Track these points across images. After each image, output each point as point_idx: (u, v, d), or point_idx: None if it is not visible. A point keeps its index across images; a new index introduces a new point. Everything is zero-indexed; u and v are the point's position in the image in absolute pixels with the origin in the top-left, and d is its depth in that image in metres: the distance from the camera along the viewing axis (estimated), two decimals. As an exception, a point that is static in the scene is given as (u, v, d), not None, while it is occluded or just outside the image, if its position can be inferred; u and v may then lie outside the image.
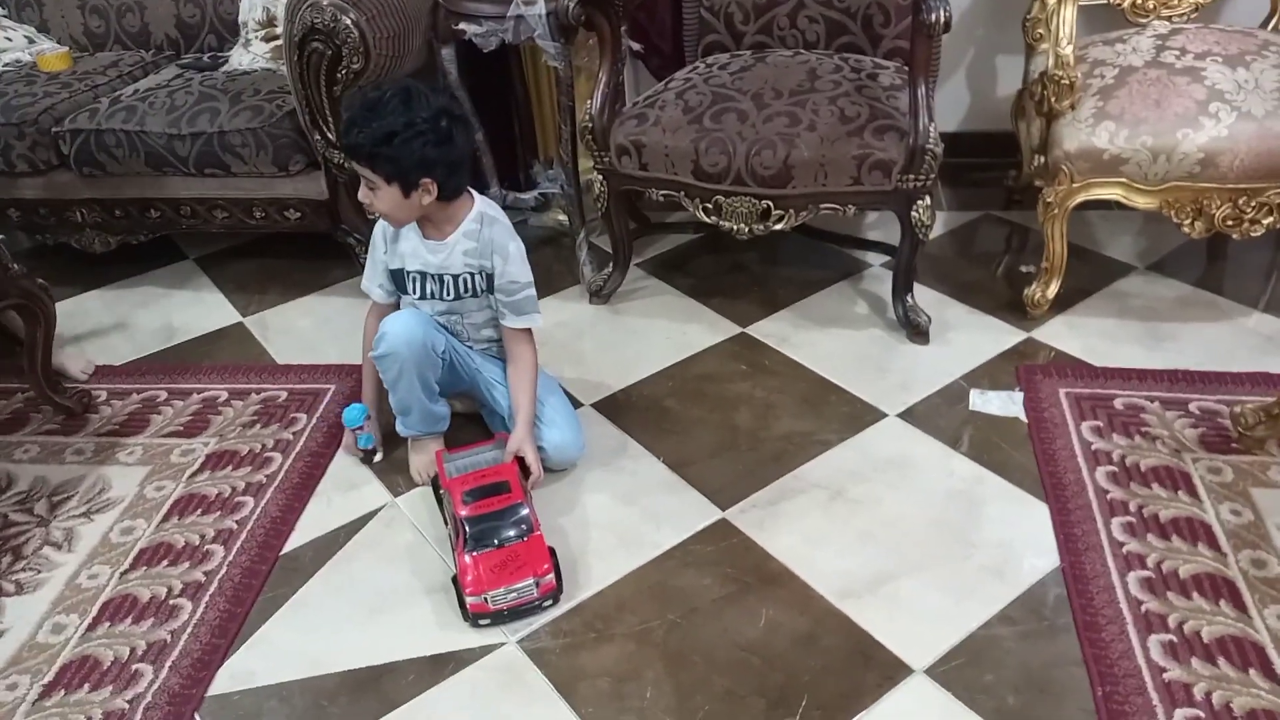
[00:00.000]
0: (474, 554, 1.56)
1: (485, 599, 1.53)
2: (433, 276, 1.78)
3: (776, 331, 2.23)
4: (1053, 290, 2.18)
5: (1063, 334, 2.15)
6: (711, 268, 2.51)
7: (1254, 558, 1.56)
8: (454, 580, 1.59)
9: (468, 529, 1.59)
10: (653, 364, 2.15)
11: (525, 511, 1.62)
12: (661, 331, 2.27)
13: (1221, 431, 1.82)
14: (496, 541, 1.58)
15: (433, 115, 1.58)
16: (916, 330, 2.14)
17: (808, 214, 2.08)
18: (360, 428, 1.87)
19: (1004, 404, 1.94)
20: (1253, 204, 1.96)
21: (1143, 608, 1.49)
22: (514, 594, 1.54)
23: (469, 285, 1.78)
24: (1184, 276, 2.33)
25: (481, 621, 1.55)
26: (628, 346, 2.22)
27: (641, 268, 2.52)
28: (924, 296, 2.27)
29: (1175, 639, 1.44)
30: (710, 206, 2.13)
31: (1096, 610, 1.49)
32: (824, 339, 2.19)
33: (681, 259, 2.57)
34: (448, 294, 1.79)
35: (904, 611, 1.53)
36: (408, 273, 1.80)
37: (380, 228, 1.80)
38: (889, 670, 1.43)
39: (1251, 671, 1.39)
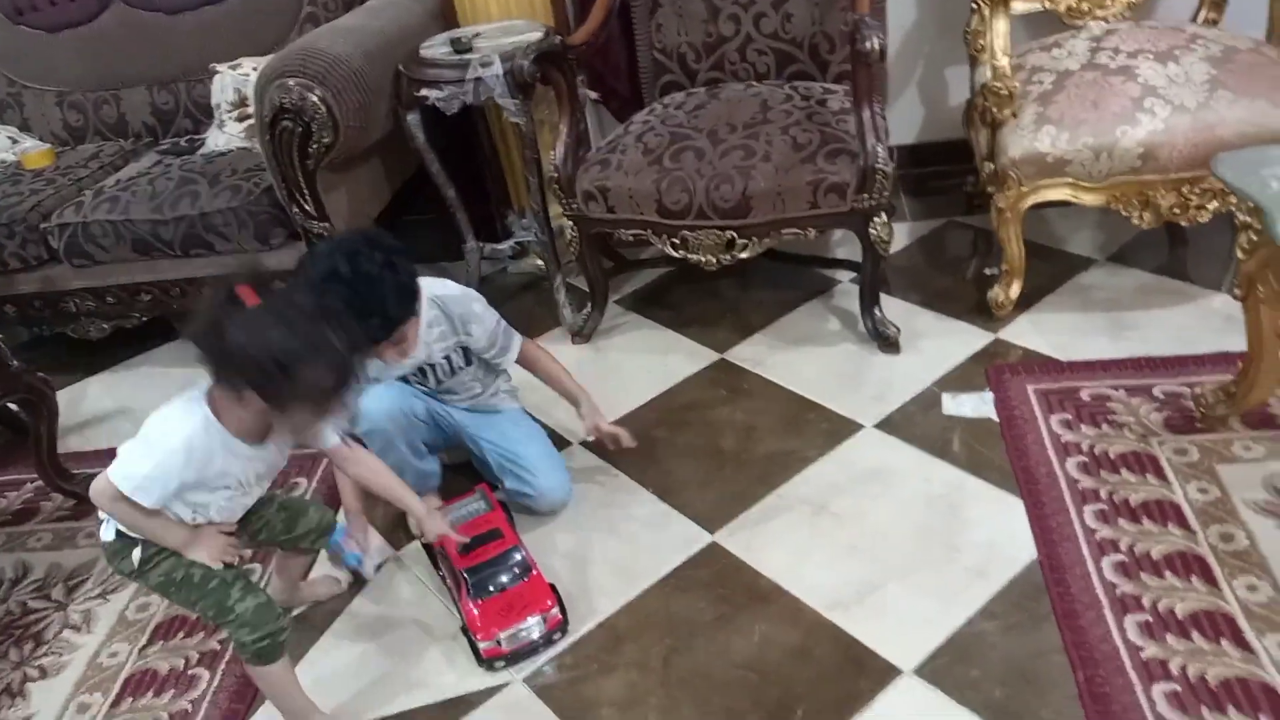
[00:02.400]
0: (479, 601, 1.63)
1: (498, 641, 1.60)
2: (415, 374, 1.85)
3: (753, 355, 2.30)
4: (1015, 291, 2.25)
5: (1029, 332, 2.22)
6: (687, 298, 2.59)
7: (1222, 532, 1.63)
8: (464, 630, 1.66)
9: (469, 579, 1.65)
10: (637, 397, 2.22)
11: (520, 555, 1.68)
12: (643, 365, 2.34)
13: (1186, 413, 1.89)
14: (499, 586, 1.64)
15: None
16: (887, 341, 2.22)
17: (771, 240, 2.16)
18: (341, 550, 1.84)
19: (976, 405, 2.01)
20: (1196, 191, 2.04)
21: (1118, 591, 1.55)
22: (524, 632, 1.61)
23: (451, 366, 1.85)
24: (1144, 265, 2.40)
25: (497, 665, 1.61)
26: (612, 382, 2.28)
27: (620, 304, 2.60)
28: (893, 307, 2.35)
29: (1150, 618, 1.50)
30: (677, 241, 2.20)
31: (1074, 598, 1.55)
32: (799, 358, 2.26)
33: (658, 292, 2.64)
34: (439, 380, 1.87)
35: (891, 617, 1.59)
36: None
37: None
38: (879, 674, 1.49)
39: (1224, 642, 1.44)
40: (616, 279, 2.64)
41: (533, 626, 1.61)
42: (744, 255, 2.17)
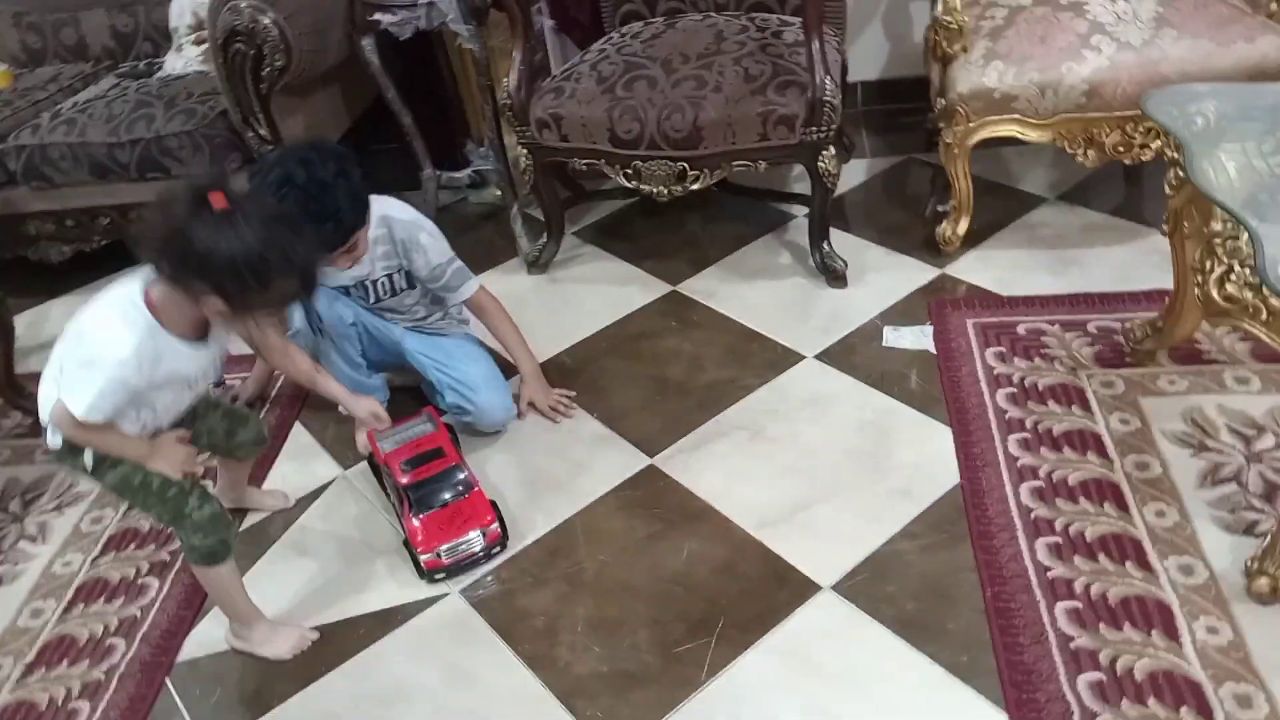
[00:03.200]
0: (421, 516, 1.68)
1: (438, 554, 1.65)
2: (356, 287, 1.88)
3: (705, 287, 2.34)
4: (963, 227, 2.28)
5: (974, 268, 2.25)
6: (644, 231, 2.61)
7: (1138, 461, 1.68)
8: (405, 544, 1.71)
9: (411, 495, 1.70)
10: (589, 327, 2.26)
11: (463, 474, 1.73)
12: (597, 295, 2.37)
13: (1116, 348, 1.93)
14: (440, 502, 1.69)
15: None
16: (834, 275, 2.25)
17: (721, 172, 2.18)
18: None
19: (915, 338, 2.05)
20: (1139, 130, 2.06)
21: (1032, 515, 1.61)
22: (464, 545, 1.66)
23: (392, 285, 1.88)
24: (1095, 204, 2.43)
25: (437, 576, 1.67)
26: (566, 312, 2.32)
27: (578, 235, 2.62)
28: (846, 242, 2.38)
29: (1060, 540, 1.56)
30: (630, 172, 2.22)
31: (990, 520, 1.61)
32: (749, 291, 2.30)
33: (616, 224, 2.66)
34: (379, 297, 1.89)
35: (816, 536, 1.65)
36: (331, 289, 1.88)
37: None
38: (800, 589, 1.56)
39: (1128, 564, 1.51)
40: (575, 210, 2.65)
41: (473, 540, 1.66)
42: (695, 186, 2.19)
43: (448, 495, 1.70)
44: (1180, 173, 1.62)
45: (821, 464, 1.79)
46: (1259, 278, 1.31)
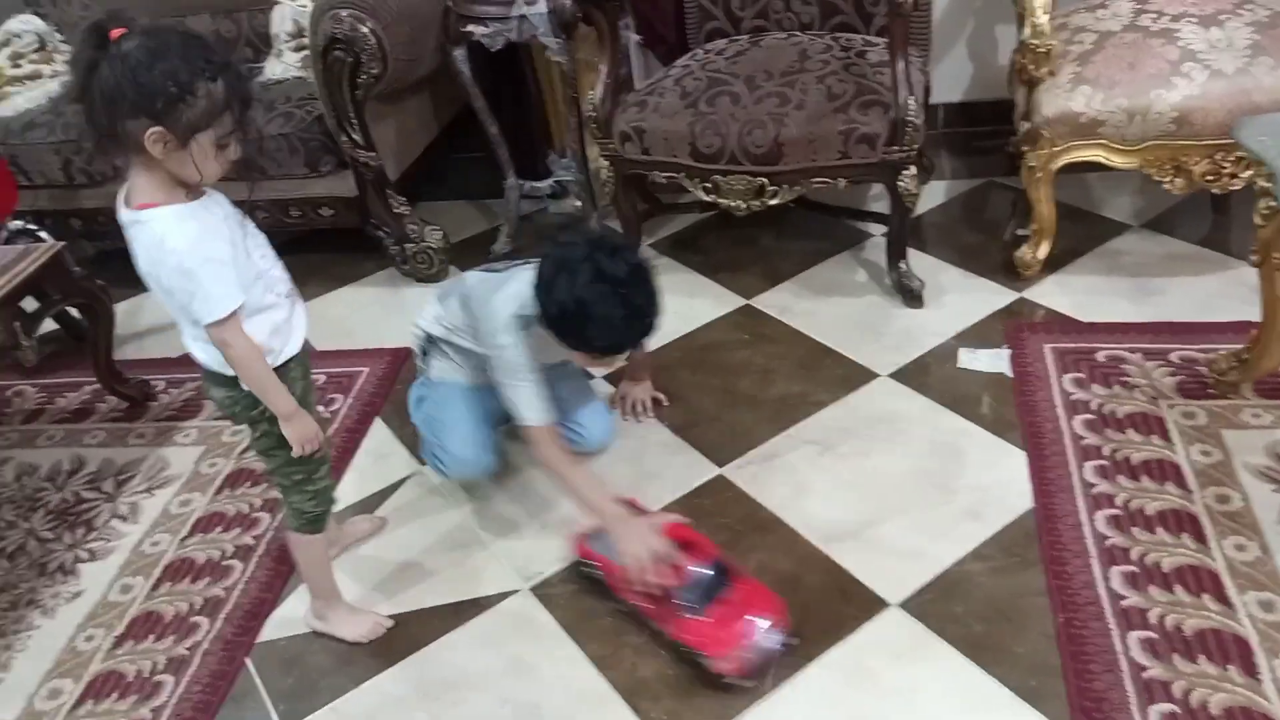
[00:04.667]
0: (700, 617, 1.47)
1: (736, 656, 1.44)
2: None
3: (778, 302, 2.35)
4: (1043, 251, 2.26)
5: (1053, 292, 2.23)
6: (720, 244, 2.63)
7: (1219, 494, 1.65)
8: (679, 648, 1.50)
9: (682, 596, 1.49)
10: (662, 337, 2.27)
11: (724, 563, 1.54)
12: (670, 306, 2.33)
13: (1199, 378, 1.90)
14: (715, 597, 1.49)
15: None
16: (910, 295, 2.25)
17: (800, 189, 2.20)
18: None
19: (991, 361, 2.04)
20: (1229, 158, 2.02)
21: (1107, 542, 1.59)
22: (760, 640, 1.45)
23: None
24: (1180, 233, 2.39)
25: (739, 682, 1.45)
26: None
27: (655, 247, 2.66)
28: (923, 262, 2.37)
29: (1136, 569, 1.54)
30: (709, 185, 2.25)
31: (1063, 545, 1.60)
32: (823, 307, 2.31)
33: (692, 237, 2.69)
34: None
35: (883, 553, 1.65)
36: None
37: None
38: (866, 605, 1.56)
39: (1205, 596, 1.48)
40: (652, 222, 2.69)
41: (767, 630, 1.46)
42: (774, 202, 2.21)
43: (720, 589, 1.49)
44: (1272, 202, 1.60)
45: (891, 482, 1.79)
46: (1353, 311, 1.29)
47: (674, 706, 1.45)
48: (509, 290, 1.66)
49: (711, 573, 1.50)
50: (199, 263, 1.25)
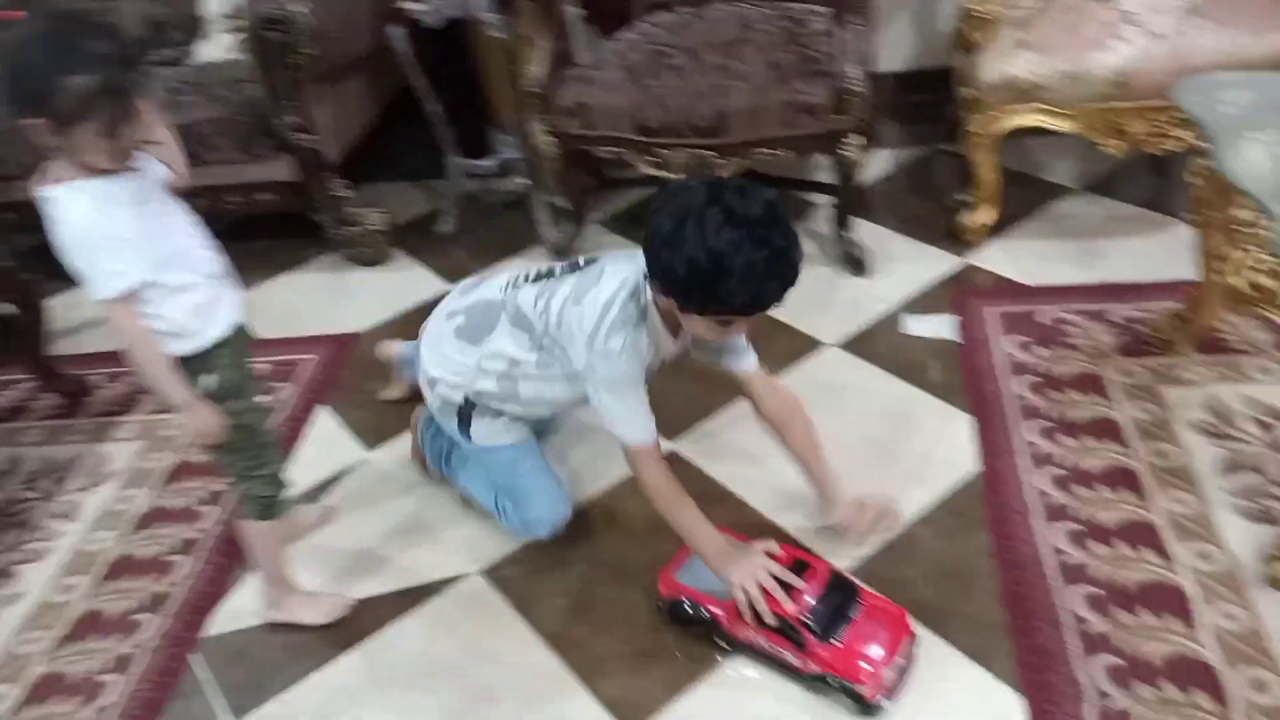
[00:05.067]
0: (837, 642, 1.35)
1: (883, 679, 1.34)
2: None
3: (727, 275, 2.34)
4: (987, 217, 2.28)
5: (997, 257, 2.25)
6: (667, 219, 2.61)
7: (1158, 449, 1.68)
8: (822, 680, 1.37)
9: (812, 621, 1.36)
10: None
11: (846, 579, 1.45)
12: (619, 283, 2.38)
13: (1139, 338, 1.93)
14: (847, 619, 1.37)
15: None
16: (856, 264, 2.25)
17: (746, 160, 2.19)
18: None
19: (936, 327, 2.06)
20: (1168, 120, 2.04)
21: (1050, 501, 1.61)
22: (899, 659, 1.37)
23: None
24: (1119, 195, 2.42)
25: (884, 701, 1.35)
26: (587, 299, 2.33)
27: (603, 224, 2.64)
28: (869, 231, 2.38)
29: (1077, 526, 1.57)
30: (654, 160, 2.23)
31: (1007, 506, 1.62)
32: (772, 279, 2.30)
33: (640, 212, 2.68)
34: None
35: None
36: None
37: None
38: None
39: (1145, 550, 1.51)
40: (599, 199, 2.67)
41: (903, 647, 1.38)
42: (720, 175, 2.20)
43: (849, 609, 1.38)
44: (1206, 161, 1.61)
45: (840, 450, 1.77)
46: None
47: (628, 682, 1.45)
48: (606, 285, 1.42)
49: (835, 593, 1.39)
50: (89, 238, 1.24)
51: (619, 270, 1.44)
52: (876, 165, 2.69)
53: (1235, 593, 1.43)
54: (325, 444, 2.03)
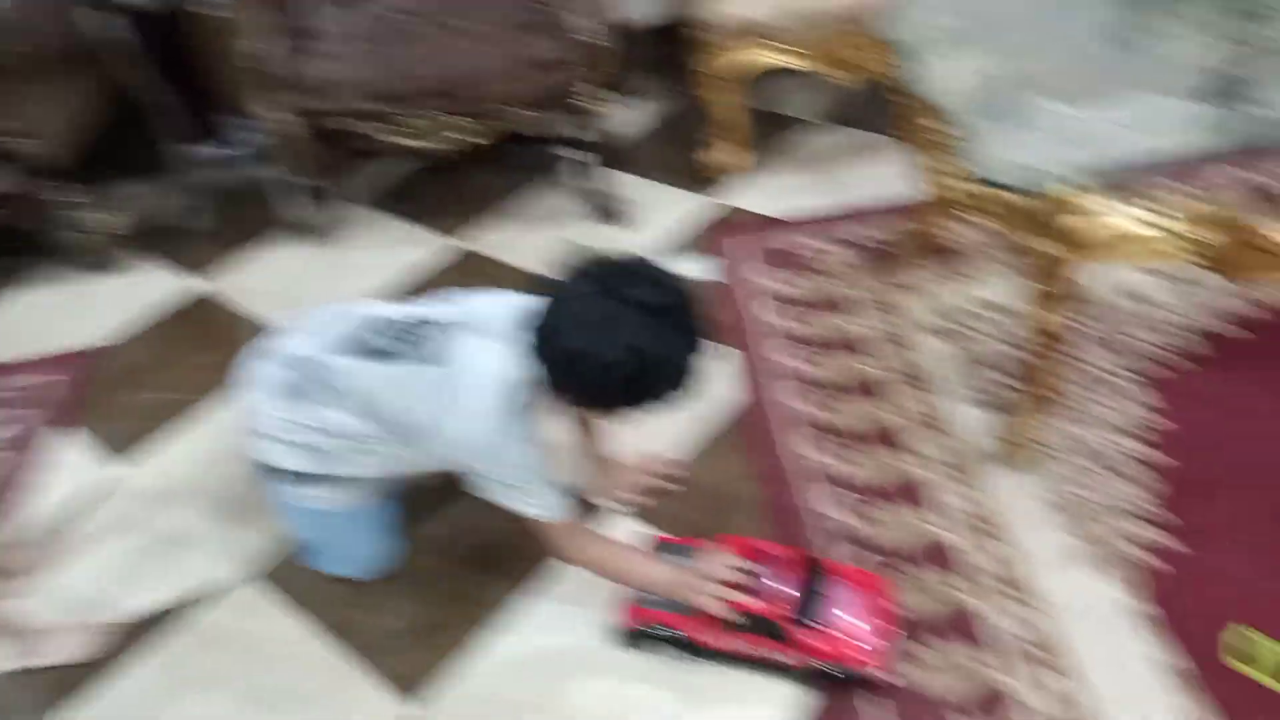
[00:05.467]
0: (828, 625, 1.28)
1: (878, 650, 1.28)
2: None
3: (489, 239, 2.33)
4: (734, 157, 2.36)
5: (750, 195, 2.33)
6: (423, 189, 2.56)
7: (898, 354, 1.80)
8: (816, 672, 1.30)
9: (797, 612, 1.28)
10: (369, 289, 2.20)
11: (813, 556, 1.37)
12: (379, 258, 2.32)
13: (880, 255, 2.04)
14: (826, 600, 1.30)
15: None
16: (613, 215, 2.29)
17: (491, 121, 2.16)
18: None
19: (695, 269, 2.11)
20: (886, 48, 2.15)
21: (810, 417, 1.70)
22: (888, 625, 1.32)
23: None
24: (859, 124, 2.56)
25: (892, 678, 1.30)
26: (347, 280, 2.25)
27: (354, 200, 2.55)
28: (629, 183, 2.42)
29: (835, 437, 1.66)
30: (404, 130, 2.17)
31: (768, 428, 1.69)
32: (533, 238, 2.30)
33: (393, 185, 2.61)
34: None
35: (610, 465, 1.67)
36: None
37: None
38: (602, 515, 1.59)
39: (889, 448, 1.62)
40: (346, 174, 2.59)
41: (890, 616, 1.33)
42: (466, 139, 2.17)
43: (823, 589, 1.31)
44: (913, 80, 1.71)
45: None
46: (980, 173, 1.41)
47: (416, 656, 1.43)
48: (474, 403, 1.24)
49: (806, 577, 1.31)
50: None
51: (479, 389, 1.24)
52: (635, 118, 2.73)
53: (970, 476, 1.54)
54: (77, 468, 1.88)
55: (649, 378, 1.16)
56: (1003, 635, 1.33)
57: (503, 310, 1.28)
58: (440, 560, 1.56)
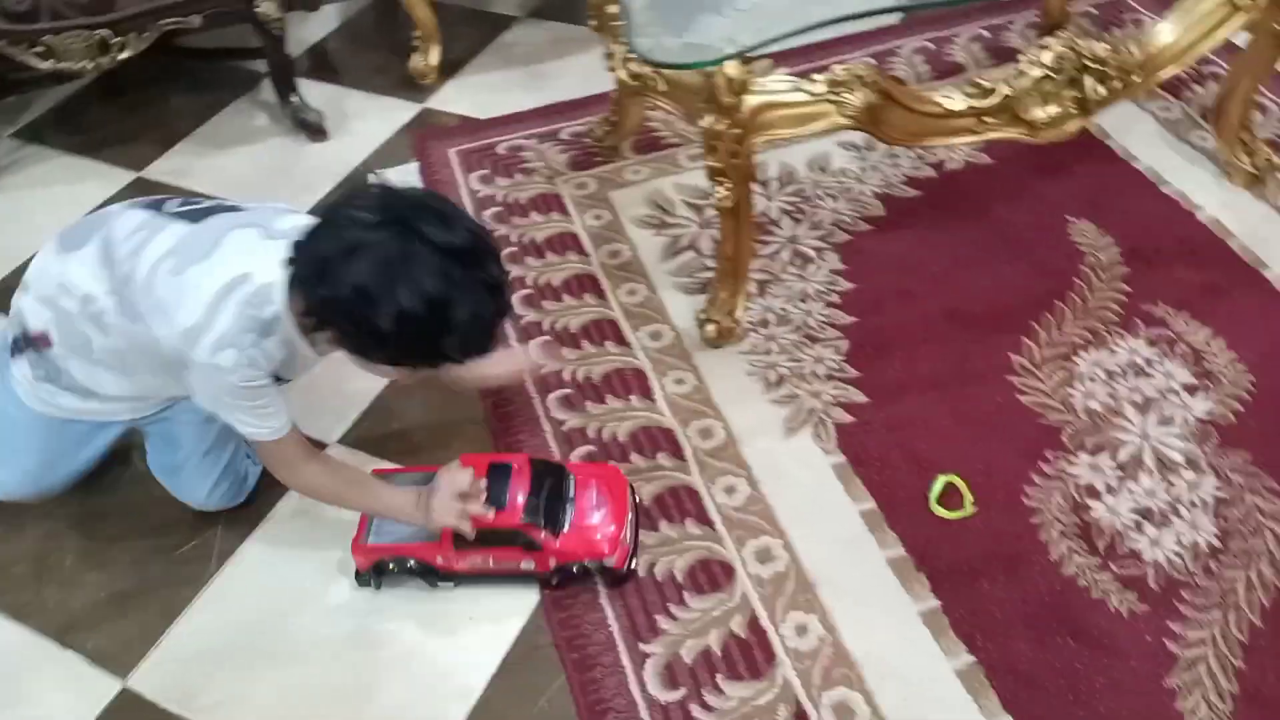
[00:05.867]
0: (564, 529, 1.27)
1: (629, 548, 1.30)
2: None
3: (177, 167, 2.12)
4: (435, 58, 2.25)
5: (454, 97, 2.24)
6: (98, 118, 2.30)
7: (611, 250, 1.80)
8: (584, 567, 1.28)
9: (535, 520, 1.25)
10: (41, 241, 1.96)
11: (545, 459, 1.36)
12: (49, 201, 2.07)
13: (587, 150, 2.02)
14: (571, 502, 1.29)
15: None
16: (312, 129, 2.13)
17: (151, 34, 1.94)
18: None
19: (404, 177, 2.01)
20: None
21: (524, 321, 1.67)
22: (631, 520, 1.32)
23: None
24: (560, 17, 2.50)
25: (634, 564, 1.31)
26: (10, 228, 2.00)
27: (16, 137, 2.25)
28: (324, 92, 2.27)
29: (550, 336, 1.64)
30: (43, 51, 1.91)
31: (484, 336, 1.65)
32: (227, 162, 2.13)
33: (66, 116, 2.32)
34: None
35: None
36: None
37: None
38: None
39: (608, 343, 1.63)
40: (3, 108, 2.27)
41: (629, 509, 1.33)
42: (124, 55, 1.94)
43: (565, 491, 1.30)
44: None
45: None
46: (642, 54, 1.40)
47: (112, 629, 1.32)
48: (218, 270, 1.10)
49: (544, 481, 1.28)
50: None
51: (239, 254, 1.11)
52: (324, 22, 2.55)
53: (683, 360, 1.58)
54: None
55: (451, 331, 1.03)
56: (724, 509, 1.38)
57: (292, 223, 1.15)
58: (146, 523, 1.44)
